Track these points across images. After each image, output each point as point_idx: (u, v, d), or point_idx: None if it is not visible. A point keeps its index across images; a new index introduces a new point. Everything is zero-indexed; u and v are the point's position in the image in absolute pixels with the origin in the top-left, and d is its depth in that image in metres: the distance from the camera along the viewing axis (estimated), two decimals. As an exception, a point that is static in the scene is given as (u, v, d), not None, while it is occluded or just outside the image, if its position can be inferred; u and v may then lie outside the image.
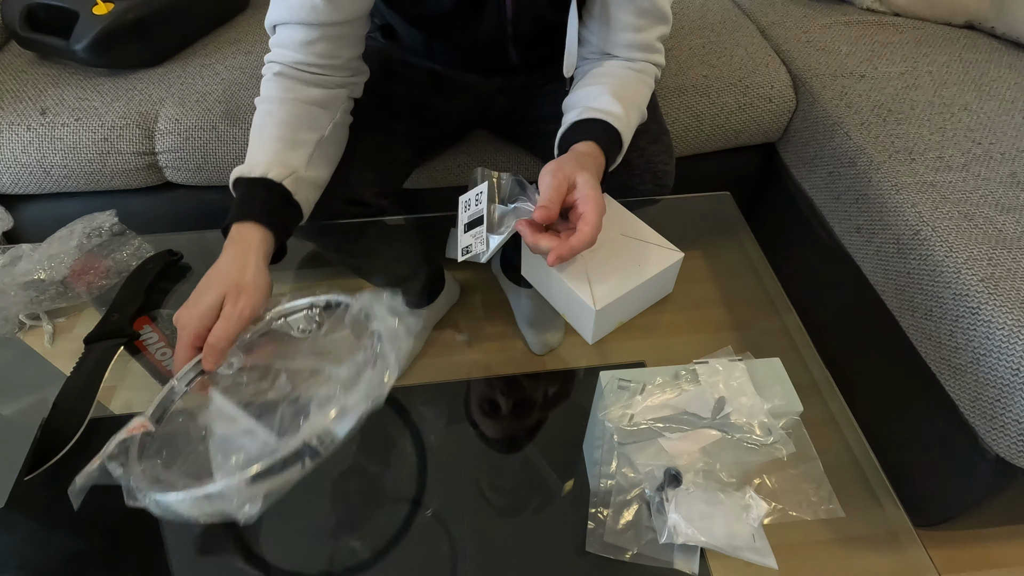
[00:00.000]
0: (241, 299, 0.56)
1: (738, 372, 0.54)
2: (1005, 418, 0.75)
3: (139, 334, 0.65)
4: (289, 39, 0.69)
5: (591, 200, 0.58)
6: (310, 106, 0.70)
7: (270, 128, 0.67)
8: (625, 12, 0.73)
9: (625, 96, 0.72)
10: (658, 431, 0.51)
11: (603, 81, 0.74)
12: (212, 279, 0.58)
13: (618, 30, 0.74)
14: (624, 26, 0.74)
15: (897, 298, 0.92)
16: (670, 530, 0.47)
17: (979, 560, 1.01)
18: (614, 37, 0.75)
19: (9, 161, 0.99)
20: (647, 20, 0.74)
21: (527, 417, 0.68)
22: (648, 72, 0.78)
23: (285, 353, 0.58)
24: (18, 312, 0.68)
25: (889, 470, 0.56)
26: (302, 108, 0.69)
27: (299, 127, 0.68)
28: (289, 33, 0.69)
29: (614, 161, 0.72)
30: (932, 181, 0.92)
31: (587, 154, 0.66)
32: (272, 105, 0.69)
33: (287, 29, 0.69)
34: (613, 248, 0.63)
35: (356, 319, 0.55)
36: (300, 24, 0.67)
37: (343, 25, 0.69)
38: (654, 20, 0.75)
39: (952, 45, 1.20)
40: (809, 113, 1.12)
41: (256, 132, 0.68)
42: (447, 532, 0.55)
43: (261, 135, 0.67)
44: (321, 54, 0.69)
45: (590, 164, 0.64)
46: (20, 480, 0.52)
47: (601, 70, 0.76)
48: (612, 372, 0.54)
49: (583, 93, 0.74)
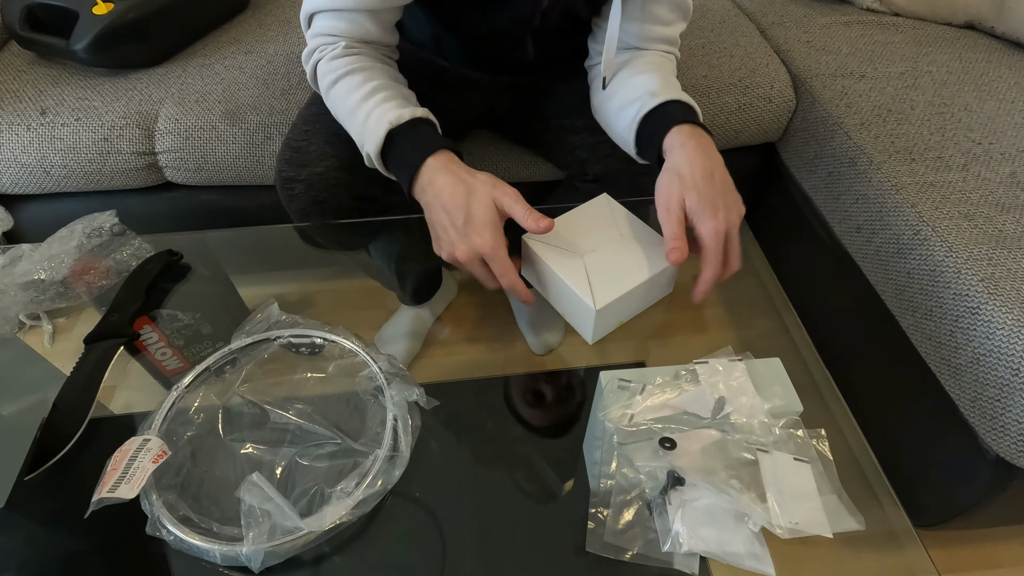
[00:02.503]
0: (500, 186, 0.59)
1: (738, 372, 0.54)
2: (1005, 418, 0.75)
3: (139, 334, 0.65)
4: (335, 27, 0.69)
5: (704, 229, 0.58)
6: (392, 70, 0.72)
7: (380, 89, 0.67)
8: (663, 7, 0.73)
9: (674, 81, 0.72)
10: (658, 432, 0.51)
11: (650, 70, 0.73)
12: (455, 197, 0.58)
13: (653, 24, 0.74)
14: (658, 20, 0.74)
15: (897, 298, 0.92)
16: (673, 539, 0.47)
17: (979, 560, 1.00)
18: (648, 31, 0.75)
19: (9, 161, 0.99)
20: (676, 15, 0.75)
21: (527, 417, 0.68)
22: (673, 61, 0.78)
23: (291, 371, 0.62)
24: (18, 312, 0.68)
25: (889, 470, 0.56)
26: (390, 72, 0.71)
27: (399, 85, 0.70)
28: (334, 22, 0.69)
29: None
30: (932, 181, 0.92)
31: (683, 145, 0.64)
32: (363, 74, 0.68)
33: (333, 17, 0.69)
34: (613, 248, 0.63)
35: (367, 376, 0.60)
36: (350, 11, 0.67)
37: (390, 11, 0.70)
38: (681, 15, 0.75)
39: (952, 45, 1.20)
40: (809, 113, 1.12)
41: (365, 97, 0.67)
42: (447, 531, 0.55)
43: (375, 96, 0.66)
44: (362, 39, 0.70)
45: (695, 158, 0.62)
46: (20, 480, 0.52)
47: (641, 60, 0.75)
48: (612, 372, 0.54)
49: (639, 83, 0.72)
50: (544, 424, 0.66)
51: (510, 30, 0.79)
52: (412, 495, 0.56)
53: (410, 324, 0.82)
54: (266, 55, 1.12)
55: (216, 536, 0.49)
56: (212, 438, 0.57)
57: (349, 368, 0.61)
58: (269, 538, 0.48)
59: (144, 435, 0.54)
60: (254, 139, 1.01)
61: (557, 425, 0.66)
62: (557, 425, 0.66)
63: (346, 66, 0.68)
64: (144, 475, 0.50)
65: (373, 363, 0.60)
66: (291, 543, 0.48)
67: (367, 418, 0.57)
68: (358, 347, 0.62)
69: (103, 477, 0.50)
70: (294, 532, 0.48)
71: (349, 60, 0.69)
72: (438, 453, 0.60)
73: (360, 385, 0.59)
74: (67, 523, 0.54)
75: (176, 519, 0.50)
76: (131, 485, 0.49)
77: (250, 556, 0.47)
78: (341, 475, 0.52)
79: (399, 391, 0.57)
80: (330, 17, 0.69)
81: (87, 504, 0.48)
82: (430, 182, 0.61)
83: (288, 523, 0.48)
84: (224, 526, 0.50)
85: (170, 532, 0.49)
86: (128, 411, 0.62)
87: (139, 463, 0.50)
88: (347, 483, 0.51)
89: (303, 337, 0.64)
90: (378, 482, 0.51)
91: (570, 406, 0.68)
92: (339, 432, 0.56)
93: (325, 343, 0.63)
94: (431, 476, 0.57)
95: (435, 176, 0.61)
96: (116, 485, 0.49)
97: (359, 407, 0.58)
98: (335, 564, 0.52)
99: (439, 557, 0.53)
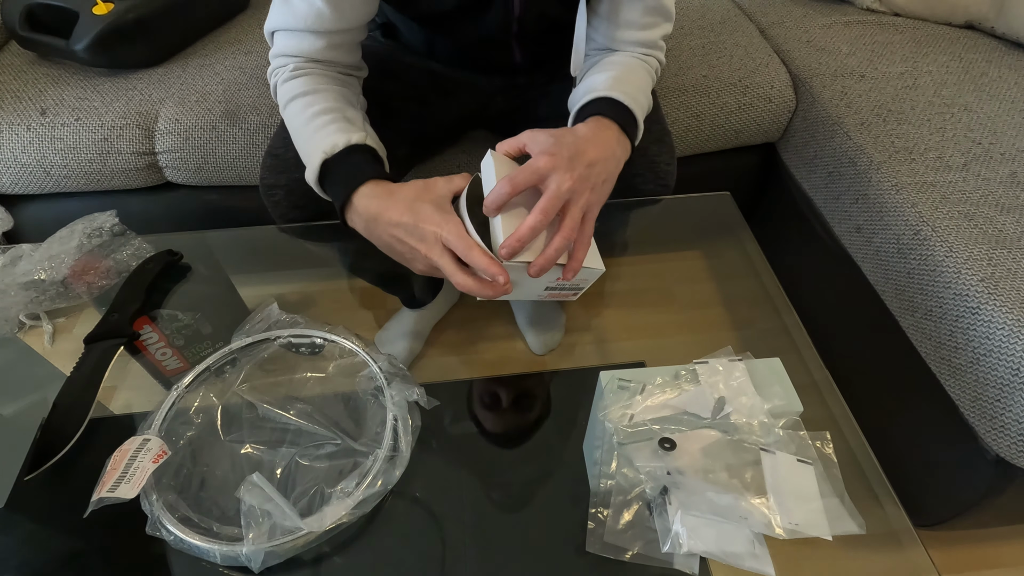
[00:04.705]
0: (442, 182, 0.59)
1: (738, 372, 0.54)
2: (1005, 418, 0.75)
3: (139, 334, 0.65)
4: (291, 47, 0.69)
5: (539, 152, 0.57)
6: (342, 89, 0.70)
7: (321, 114, 0.66)
8: (634, 11, 0.72)
9: (630, 80, 0.71)
10: (658, 432, 0.51)
11: (607, 69, 0.73)
12: (394, 209, 0.58)
13: (625, 28, 0.74)
14: (631, 24, 0.73)
15: (897, 298, 0.92)
16: (673, 539, 0.47)
17: (979, 560, 1.00)
18: (621, 35, 0.74)
19: (9, 161, 0.99)
20: (654, 18, 0.74)
21: (527, 417, 0.68)
22: (651, 64, 0.77)
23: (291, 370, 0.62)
24: (18, 312, 0.68)
25: (889, 470, 0.56)
26: (337, 93, 0.69)
27: (344, 107, 0.68)
28: (290, 41, 0.69)
29: (635, 134, 0.69)
30: (932, 181, 0.92)
31: (578, 128, 0.64)
32: (307, 98, 0.68)
33: (289, 37, 0.69)
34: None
35: (367, 376, 0.60)
36: (304, 31, 0.67)
37: (346, 32, 0.69)
38: (660, 18, 0.75)
39: (952, 45, 1.20)
40: (809, 113, 1.12)
41: (306, 123, 0.66)
42: (447, 531, 0.55)
43: (315, 121, 0.66)
44: (319, 59, 0.69)
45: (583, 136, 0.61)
46: (20, 480, 0.52)
47: (605, 60, 0.75)
48: (612, 372, 0.54)
49: (588, 83, 0.72)
50: (507, 429, 0.66)
51: (493, 36, 0.80)
52: (412, 495, 0.56)
53: (411, 324, 0.82)
54: (266, 55, 1.11)
55: (216, 536, 0.49)
56: (212, 438, 0.57)
57: (349, 368, 0.61)
58: (269, 538, 0.48)
59: (144, 435, 0.54)
60: (254, 139, 1.01)
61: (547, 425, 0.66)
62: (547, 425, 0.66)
63: (293, 89, 0.68)
64: (144, 475, 0.50)
65: (373, 363, 0.60)
66: (291, 543, 0.48)
67: (367, 418, 0.57)
68: (358, 347, 0.62)
69: (103, 477, 0.50)
70: (294, 532, 0.48)
71: (298, 83, 0.68)
72: (438, 453, 0.60)
73: (360, 385, 0.59)
74: (67, 523, 0.54)
75: (176, 519, 0.50)
76: (131, 485, 0.49)
77: (250, 556, 0.47)
78: (341, 475, 0.52)
79: (399, 391, 0.57)
80: (287, 36, 0.69)
81: (87, 504, 0.48)
82: (366, 208, 0.60)
83: (288, 523, 0.48)
84: (224, 526, 0.50)
85: (170, 532, 0.49)
86: (128, 411, 0.62)
87: (139, 463, 0.50)
88: (347, 483, 0.51)
89: (303, 337, 0.64)
90: (378, 482, 0.51)
91: (536, 411, 0.68)
92: (339, 432, 0.56)
93: (325, 343, 0.63)
94: (431, 476, 0.57)
95: (369, 204, 0.60)
96: (116, 485, 0.49)
97: (359, 407, 0.58)
98: (335, 564, 0.52)
99: (439, 557, 0.53)
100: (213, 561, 0.48)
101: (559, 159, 0.56)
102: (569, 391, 0.71)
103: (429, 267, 0.59)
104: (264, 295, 0.68)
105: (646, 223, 0.82)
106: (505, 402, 0.69)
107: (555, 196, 0.55)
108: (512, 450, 0.65)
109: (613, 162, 0.63)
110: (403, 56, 0.90)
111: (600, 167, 0.60)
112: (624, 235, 0.85)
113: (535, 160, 0.56)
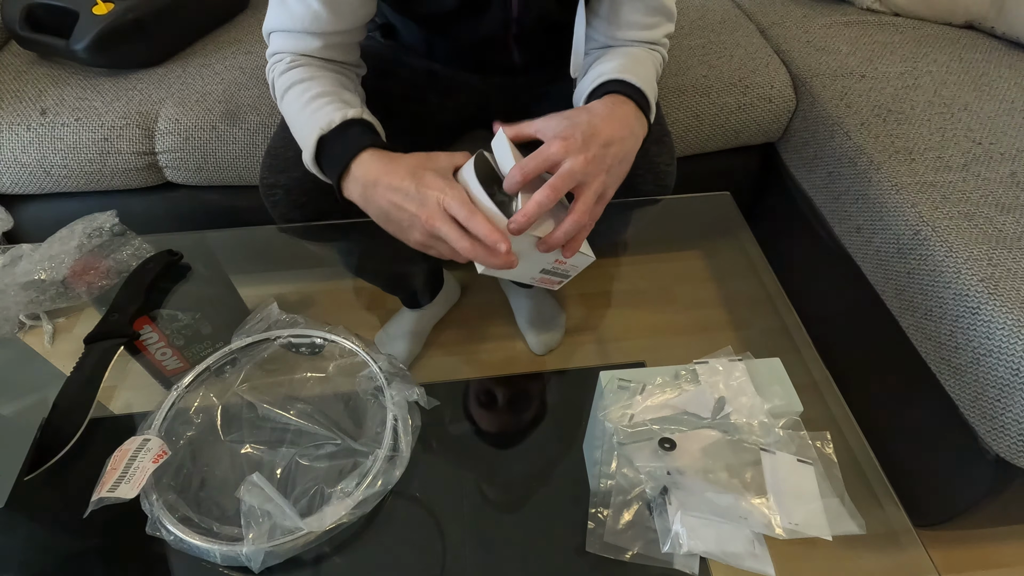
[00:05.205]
0: (444, 155, 0.58)
1: (738, 372, 0.54)
2: (1005, 418, 0.75)
3: (139, 334, 0.65)
4: (287, 47, 0.69)
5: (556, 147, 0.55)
6: (340, 76, 0.70)
7: (317, 97, 0.65)
8: (635, 11, 0.72)
9: (638, 68, 0.70)
10: (658, 432, 0.51)
11: (615, 58, 0.72)
12: (395, 173, 0.57)
13: (627, 28, 0.73)
14: (633, 24, 0.73)
15: (897, 298, 0.92)
16: (673, 539, 0.47)
17: (979, 560, 1.00)
18: (622, 35, 0.74)
19: (9, 161, 0.99)
20: (656, 18, 0.74)
21: (527, 417, 0.68)
22: (656, 57, 0.77)
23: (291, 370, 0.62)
24: (18, 312, 0.68)
25: (889, 470, 0.56)
26: (334, 78, 0.69)
27: (341, 91, 0.68)
28: (287, 42, 0.68)
29: (649, 117, 0.68)
30: (932, 181, 0.92)
31: (593, 106, 0.62)
32: (304, 84, 0.67)
33: (286, 38, 0.69)
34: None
35: (367, 376, 0.60)
36: (302, 32, 0.67)
37: (344, 34, 0.69)
38: (662, 18, 0.75)
39: (952, 45, 1.20)
40: (809, 113, 1.12)
41: (303, 107, 0.65)
42: (447, 531, 0.55)
43: (311, 104, 0.65)
44: (320, 58, 0.69)
45: (599, 113, 0.60)
46: (20, 480, 0.52)
47: (612, 50, 0.74)
48: (612, 372, 0.54)
49: (596, 70, 0.71)
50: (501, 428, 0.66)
51: (492, 36, 0.80)
52: (412, 495, 0.56)
53: (411, 324, 0.82)
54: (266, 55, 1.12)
55: (216, 536, 0.49)
56: (212, 438, 0.57)
57: (349, 368, 0.61)
58: (269, 538, 0.48)
59: (144, 435, 0.54)
60: (254, 139, 1.01)
61: (548, 425, 0.66)
62: (548, 425, 0.66)
63: (290, 79, 0.68)
64: (144, 475, 0.50)
65: (373, 363, 0.60)
66: (291, 543, 0.48)
67: (367, 418, 0.57)
68: (358, 347, 0.62)
69: (103, 477, 0.50)
70: (294, 532, 0.48)
71: (295, 72, 0.68)
72: (438, 453, 0.60)
73: (360, 385, 0.59)
74: (67, 523, 0.54)
75: (176, 519, 0.50)
76: (131, 485, 0.49)
77: (250, 556, 0.47)
78: (341, 475, 0.52)
79: (399, 391, 0.57)
80: (284, 37, 0.69)
81: (87, 504, 0.48)
82: (365, 174, 0.59)
83: (288, 523, 0.48)
84: (224, 526, 0.50)
85: (170, 532, 0.49)
86: (128, 411, 0.62)
87: (139, 463, 0.50)
88: (347, 483, 0.51)
89: (303, 337, 0.64)
90: (378, 482, 0.51)
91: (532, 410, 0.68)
92: (339, 432, 0.56)
93: (325, 343, 0.63)
94: (431, 476, 0.57)
95: (368, 169, 0.59)
96: (116, 485, 0.49)
97: (359, 407, 0.59)
98: (335, 564, 0.52)
99: (439, 557, 0.53)
100: (213, 561, 0.48)
101: (572, 143, 0.55)
102: (569, 391, 0.71)
103: (426, 236, 0.57)
104: (264, 295, 0.68)
105: (646, 223, 0.82)
106: (505, 402, 0.69)
107: (567, 174, 0.54)
108: (512, 450, 0.65)
109: (632, 140, 0.62)
110: (402, 56, 0.90)
111: (616, 147, 0.59)
112: (624, 235, 0.85)
113: (548, 146, 0.55)
